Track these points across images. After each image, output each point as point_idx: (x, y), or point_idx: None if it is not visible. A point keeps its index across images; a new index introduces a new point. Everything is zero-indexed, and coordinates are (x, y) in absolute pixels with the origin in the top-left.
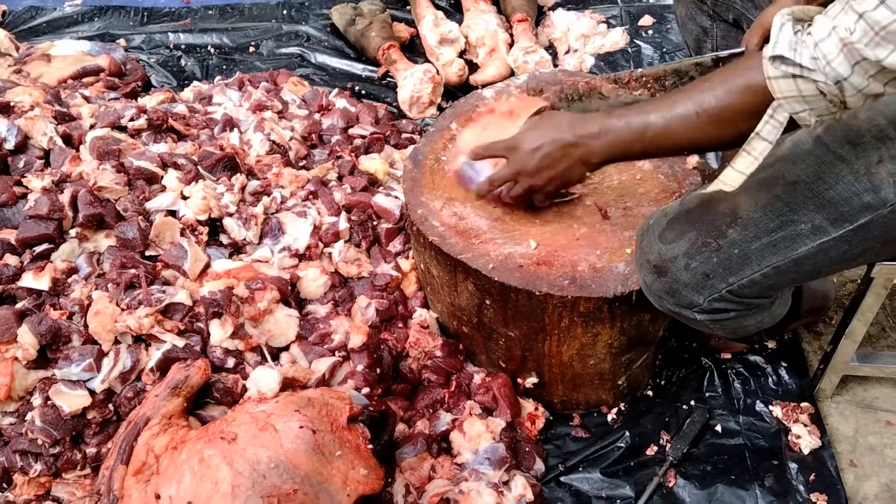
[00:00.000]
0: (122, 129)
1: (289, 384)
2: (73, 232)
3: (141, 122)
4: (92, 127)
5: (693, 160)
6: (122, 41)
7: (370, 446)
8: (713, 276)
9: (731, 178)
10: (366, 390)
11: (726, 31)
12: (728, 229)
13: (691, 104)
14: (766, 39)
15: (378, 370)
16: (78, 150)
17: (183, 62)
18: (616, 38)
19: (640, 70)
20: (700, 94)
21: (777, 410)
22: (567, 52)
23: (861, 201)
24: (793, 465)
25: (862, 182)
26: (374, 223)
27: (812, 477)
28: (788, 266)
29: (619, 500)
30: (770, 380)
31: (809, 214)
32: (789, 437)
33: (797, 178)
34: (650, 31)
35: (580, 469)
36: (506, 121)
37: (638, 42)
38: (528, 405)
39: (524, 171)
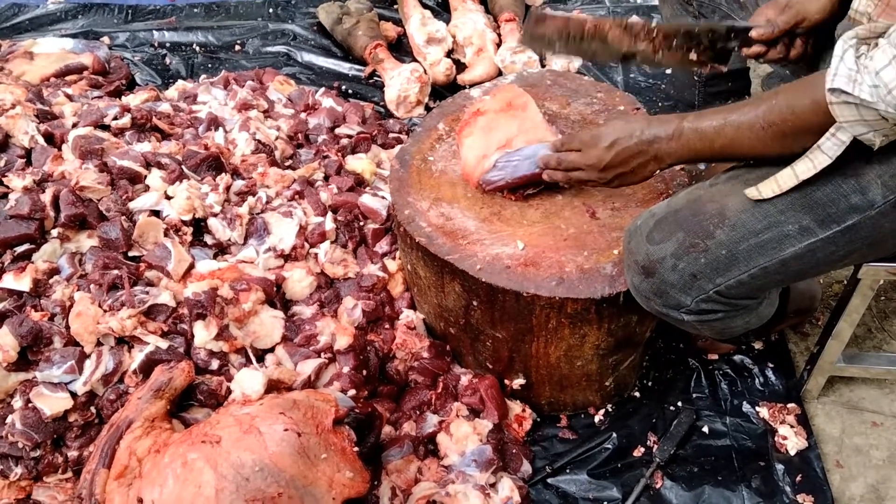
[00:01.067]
0: (106, 127)
1: (274, 386)
2: (54, 232)
3: (124, 120)
4: (74, 126)
5: None
6: (105, 39)
7: (356, 449)
8: (701, 276)
9: (786, 180)
10: (352, 392)
11: None
12: (716, 230)
13: (759, 118)
14: (795, 29)
15: (364, 372)
16: (60, 149)
17: (168, 60)
18: None
19: (654, 23)
20: (767, 109)
21: (764, 411)
22: None
23: (848, 202)
24: (779, 466)
25: (849, 183)
26: (361, 223)
27: (798, 478)
28: (775, 267)
29: (606, 502)
30: (757, 381)
31: (797, 215)
32: (776, 438)
33: None
34: None
35: (567, 471)
36: (503, 116)
37: None
38: (516, 406)
39: (595, 166)
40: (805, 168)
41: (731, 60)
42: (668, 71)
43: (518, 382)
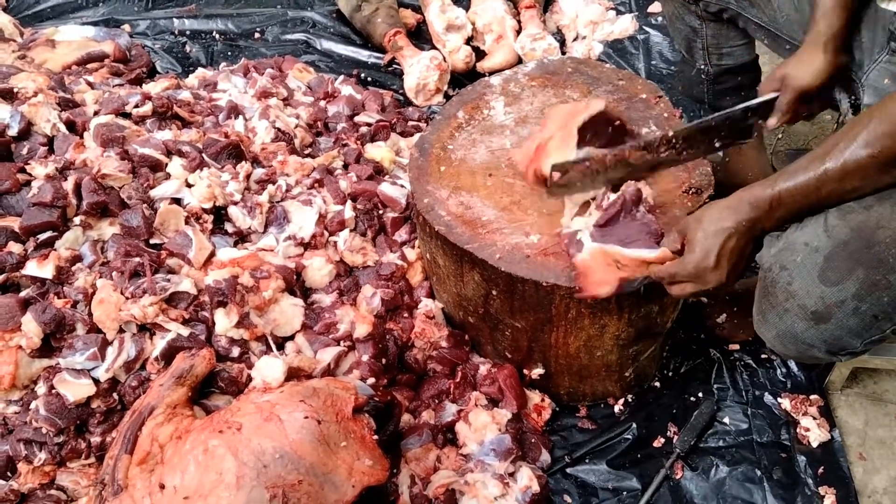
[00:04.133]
0: (127, 115)
1: (294, 374)
2: (76, 220)
3: (145, 108)
4: (96, 113)
5: None
6: (126, 27)
7: (375, 437)
8: (882, 317)
9: None
10: (371, 380)
11: (716, 30)
12: None
13: (862, 150)
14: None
15: (383, 360)
16: (82, 136)
17: (188, 48)
18: (625, 25)
19: (670, 131)
20: (868, 137)
21: (786, 403)
22: (575, 39)
23: None
24: (801, 458)
25: None
26: (380, 212)
27: (821, 470)
28: None
29: (625, 492)
30: (779, 372)
31: None
32: (798, 430)
33: None
34: (659, 18)
35: (586, 461)
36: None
37: (647, 29)
38: (535, 396)
39: (720, 285)
40: None
41: (754, 133)
42: (674, 67)
43: (537, 372)
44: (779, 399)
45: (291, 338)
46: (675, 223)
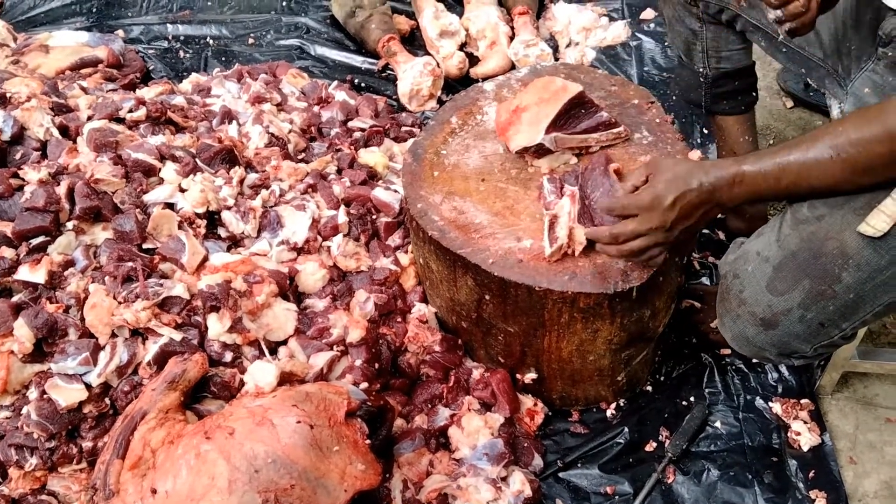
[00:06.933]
0: (120, 120)
1: (287, 379)
2: (69, 224)
3: (139, 113)
4: (89, 118)
5: (696, 155)
6: (120, 32)
7: (368, 441)
8: (828, 324)
9: (893, 208)
10: (364, 385)
11: (716, 33)
12: (842, 273)
13: (827, 151)
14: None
15: (376, 365)
16: (75, 141)
17: (181, 54)
18: (618, 32)
19: None
20: (835, 139)
21: (777, 407)
22: (568, 45)
23: None
24: (792, 462)
25: None
26: (374, 217)
27: (812, 474)
28: None
29: (617, 497)
30: (770, 376)
31: None
32: (789, 434)
33: None
34: (652, 25)
35: (579, 465)
36: (547, 104)
37: (640, 36)
38: (527, 401)
39: (661, 227)
40: None
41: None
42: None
43: (530, 377)
44: (770, 403)
45: (284, 342)
46: None
